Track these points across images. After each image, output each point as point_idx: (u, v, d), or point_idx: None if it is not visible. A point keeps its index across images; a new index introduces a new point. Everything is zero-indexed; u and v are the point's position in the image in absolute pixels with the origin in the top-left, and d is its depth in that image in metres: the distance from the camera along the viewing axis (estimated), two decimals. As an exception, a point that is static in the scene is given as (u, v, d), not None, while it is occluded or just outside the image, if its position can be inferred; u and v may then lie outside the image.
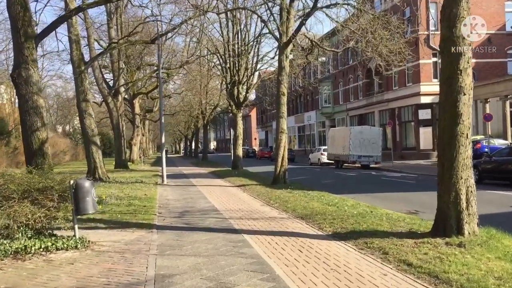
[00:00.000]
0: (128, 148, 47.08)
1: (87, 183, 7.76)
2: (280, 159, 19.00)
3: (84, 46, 28.13)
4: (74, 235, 7.79)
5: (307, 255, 7.05)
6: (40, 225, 7.59)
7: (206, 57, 37.34)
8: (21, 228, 7.40)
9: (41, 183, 7.43)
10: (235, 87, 30.47)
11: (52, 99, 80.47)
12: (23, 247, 7.00)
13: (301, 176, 25.50)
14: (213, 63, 41.65)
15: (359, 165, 31.69)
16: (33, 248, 7.06)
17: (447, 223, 7.40)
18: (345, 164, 32.39)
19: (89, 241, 7.89)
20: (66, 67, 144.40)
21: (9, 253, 6.89)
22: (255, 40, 29.74)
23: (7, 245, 6.98)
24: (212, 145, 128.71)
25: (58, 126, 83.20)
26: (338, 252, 7.27)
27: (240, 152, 31.27)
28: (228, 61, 30.50)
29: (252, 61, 31.22)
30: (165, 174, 21.72)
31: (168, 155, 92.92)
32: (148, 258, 7.01)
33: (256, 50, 30.61)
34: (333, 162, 34.22)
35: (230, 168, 31.76)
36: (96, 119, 65.15)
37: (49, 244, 7.26)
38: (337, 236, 8.48)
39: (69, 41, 22.01)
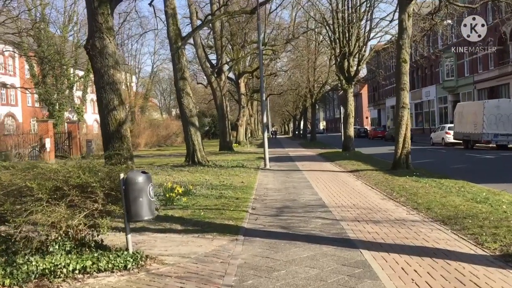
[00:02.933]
0: (234, 129, 46.13)
1: (140, 178, 5.61)
2: (401, 140, 15.76)
3: (187, 25, 26.93)
4: (127, 249, 5.70)
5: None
6: (82, 234, 5.61)
7: (314, 30, 34.41)
8: (59, 239, 5.47)
9: (79, 179, 5.39)
10: (345, 60, 27.23)
11: (165, 82, 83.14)
12: (51, 268, 5.03)
13: (424, 159, 21.80)
14: (321, 36, 38.64)
15: (494, 145, 26.83)
16: (65, 270, 5.06)
17: None
18: (476, 145, 27.67)
19: (146, 256, 5.77)
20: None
21: (34, 276, 4.97)
22: (368, 2, 26.14)
23: (34, 264, 5.05)
24: (322, 125, 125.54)
25: (173, 109, 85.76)
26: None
27: (351, 132, 28.11)
28: (337, 31, 27.29)
29: (364, 29, 27.69)
30: (267, 157, 19.52)
31: (277, 136, 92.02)
32: (219, 292, 4.69)
33: (368, 15, 27.01)
34: (460, 142, 29.57)
35: (340, 150, 28.79)
36: (204, 101, 65.89)
37: (89, 263, 5.23)
38: (511, 259, 5.46)
39: (165, 15, 20.63)
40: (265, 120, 19.87)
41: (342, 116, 30.60)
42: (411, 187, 11.67)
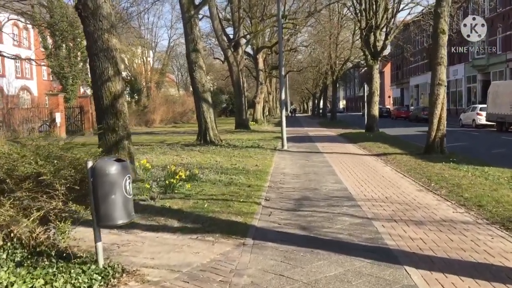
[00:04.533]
0: (251, 107, 44.58)
1: (113, 168, 4.16)
2: (436, 121, 14.07)
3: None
4: (96, 261, 4.31)
5: None
6: (40, 239, 4.24)
7: (337, 1, 32.30)
8: (8, 245, 4.12)
9: (28, 167, 3.98)
10: (372, 34, 25.28)
11: (182, 57, 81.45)
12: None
13: (456, 142, 19.98)
14: (345, 9, 36.53)
15: (533, 128, 24.81)
16: (3, 294, 3.70)
17: None
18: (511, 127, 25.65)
19: (122, 270, 4.39)
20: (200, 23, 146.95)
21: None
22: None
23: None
24: (341, 104, 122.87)
25: (190, 85, 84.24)
26: None
27: (376, 111, 26.26)
28: (363, 1, 25.27)
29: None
30: (285, 137, 17.99)
31: (296, 114, 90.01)
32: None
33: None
34: (493, 124, 27.54)
35: (364, 130, 27.05)
36: (222, 77, 64.21)
37: (39, 283, 3.85)
38: None
39: (177, -19, 18.96)
40: (283, 97, 18.25)
41: (366, 94, 28.72)
42: (451, 176, 10.08)
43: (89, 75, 43.93)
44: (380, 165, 12.65)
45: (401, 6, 25.63)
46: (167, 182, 8.40)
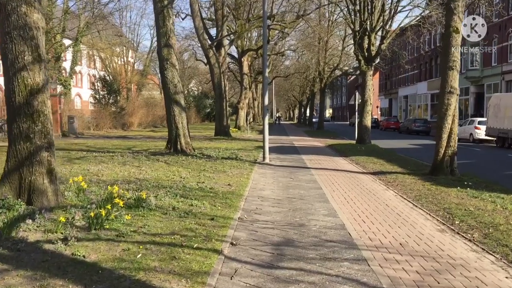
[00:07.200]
0: (235, 112, 42.22)
1: None
2: (445, 135, 11.85)
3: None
4: None
5: None
6: None
7: (330, 2, 30.20)
8: None
9: None
10: (366, 36, 23.13)
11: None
12: None
13: (460, 159, 17.77)
14: (336, 12, 34.50)
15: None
16: None
17: None
18: (516, 143, 23.62)
19: None
20: (183, 23, 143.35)
21: None
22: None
23: None
24: (328, 113, 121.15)
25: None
26: None
27: (368, 121, 23.97)
28: (358, 1, 23.12)
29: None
30: (267, 148, 15.60)
31: (282, 122, 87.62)
32: None
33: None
34: (493, 139, 25.56)
35: (354, 142, 24.83)
36: (206, 81, 61.74)
37: None
38: None
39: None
40: (266, 101, 15.85)
41: (357, 103, 26.51)
42: (476, 209, 7.79)
43: (63, 74, 41.18)
44: (380, 188, 10.33)
45: (399, 8, 23.34)
46: (92, 213, 5.93)
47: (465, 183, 10.48)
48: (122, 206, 6.53)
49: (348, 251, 5.45)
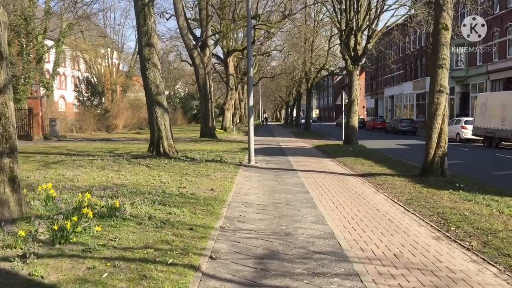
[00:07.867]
0: (221, 114, 41.69)
1: None
2: (435, 136, 11.48)
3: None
4: None
5: None
6: None
7: (316, 3, 29.84)
8: None
9: None
10: (352, 35, 22.78)
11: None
12: None
13: (449, 159, 17.50)
14: (322, 11, 34.16)
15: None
16: None
17: None
18: (502, 143, 23.45)
19: None
20: (168, 24, 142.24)
21: None
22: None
23: None
24: (314, 113, 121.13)
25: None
26: None
27: (355, 122, 23.63)
28: (343, 0, 22.76)
29: (378, -2, 23.18)
30: (252, 150, 15.10)
31: (268, 123, 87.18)
32: None
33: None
34: (480, 138, 25.40)
35: (341, 143, 24.47)
36: (193, 82, 60.97)
37: None
38: None
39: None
40: (251, 102, 15.36)
41: (344, 103, 26.15)
42: (472, 213, 7.40)
43: (45, 76, 40.39)
44: (369, 192, 9.90)
45: (385, 7, 23.04)
46: (56, 226, 5.37)
47: (457, 185, 10.13)
48: (91, 216, 6.00)
49: (339, 264, 4.98)
